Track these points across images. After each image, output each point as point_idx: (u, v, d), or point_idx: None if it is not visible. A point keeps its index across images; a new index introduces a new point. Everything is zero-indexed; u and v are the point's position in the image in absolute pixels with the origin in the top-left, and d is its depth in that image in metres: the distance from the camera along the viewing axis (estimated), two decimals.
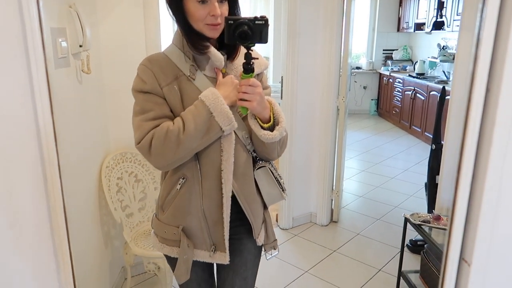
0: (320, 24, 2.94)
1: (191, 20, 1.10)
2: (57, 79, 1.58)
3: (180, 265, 1.22)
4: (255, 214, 1.27)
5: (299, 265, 2.68)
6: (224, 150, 1.16)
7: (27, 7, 0.43)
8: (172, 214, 1.24)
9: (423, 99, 5.61)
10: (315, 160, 3.19)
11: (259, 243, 1.32)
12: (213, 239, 1.24)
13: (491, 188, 0.53)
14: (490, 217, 0.54)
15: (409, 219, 2.20)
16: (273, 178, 1.28)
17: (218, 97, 1.09)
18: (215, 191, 1.19)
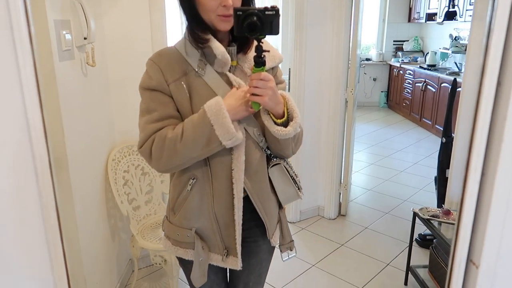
0: (328, 15, 2.89)
1: (201, 11, 1.05)
2: (61, 71, 1.57)
3: (196, 268, 1.18)
4: (268, 213, 1.23)
5: (307, 259, 2.66)
6: (235, 148, 1.11)
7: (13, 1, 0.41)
8: (184, 216, 1.19)
9: (434, 91, 5.52)
10: (323, 153, 3.16)
11: (273, 244, 1.28)
12: (225, 243, 1.19)
13: (501, 186, 0.50)
14: (500, 217, 0.51)
15: (418, 213, 2.17)
16: (288, 176, 1.22)
17: (221, 109, 1.02)
18: (226, 191, 1.14)
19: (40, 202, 0.50)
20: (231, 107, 1.04)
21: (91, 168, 1.97)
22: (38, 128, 0.46)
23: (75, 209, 1.71)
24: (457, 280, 0.55)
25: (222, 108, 1.02)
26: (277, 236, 1.30)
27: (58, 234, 0.51)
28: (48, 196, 0.49)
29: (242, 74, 1.14)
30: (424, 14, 6.38)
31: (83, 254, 1.80)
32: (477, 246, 0.54)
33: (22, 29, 0.43)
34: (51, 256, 0.52)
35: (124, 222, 2.37)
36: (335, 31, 2.89)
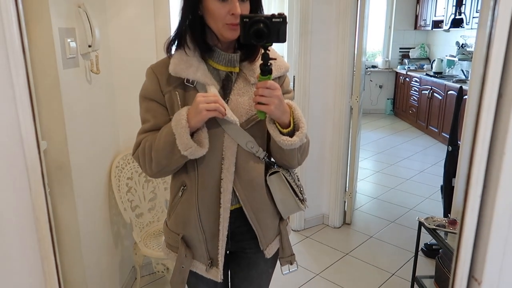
0: (333, 22, 2.88)
1: (209, 19, 1.05)
2: (65, 79, 1.58)
3: (176, 274, 1.19)
4: (262, 224, 1.20)
5: (310, 267, 2.63)
6: (226, 158, 1.11)
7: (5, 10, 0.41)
8: (175, 221, 1.21)
9: (440, 98, 5.48)
10: (328, 160, 3.14)
11: (267, 256, 1.24)
12: (210, 253, 1.19)
13: (503, 200, 0.49)
14: (503, 232, 0.50)
15: (424, 223, 2.14)
16: (287, 185, 1.17)
17: (181, 119, 1.01)
18: (214, 201, 1.14)
19: (34, 215, 0.50)
20: (190, 116, 1.02)
21: (95, 175, 1.97)
22: (31, 141, 0.46)
23: (78, 216, 1.71)
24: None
25: (182, 118, 1.02)
26: (273, 249, 1.26)
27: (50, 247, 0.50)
28: (41, 209, 0.49)
29: (245, 82, 1.13)
30: (431, 21, 6.36)
31: (86, 261, 1.79)
32: (479, 262, 0.52)
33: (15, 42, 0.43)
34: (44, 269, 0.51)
35: (127, 229, 2.37)
36: (340, 38, 2.89)
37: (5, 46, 0.43)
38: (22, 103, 0.44)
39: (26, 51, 0.43)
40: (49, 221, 0.49)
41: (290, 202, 1.20)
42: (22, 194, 0.50)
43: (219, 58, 1.11)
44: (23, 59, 0.43)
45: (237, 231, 1.21)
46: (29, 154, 0.46)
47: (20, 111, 0.44)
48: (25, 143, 0.45)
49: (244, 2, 1.04)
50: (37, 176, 0.47)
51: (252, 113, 1.11)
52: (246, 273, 1.27)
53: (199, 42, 1.08)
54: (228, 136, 1.10)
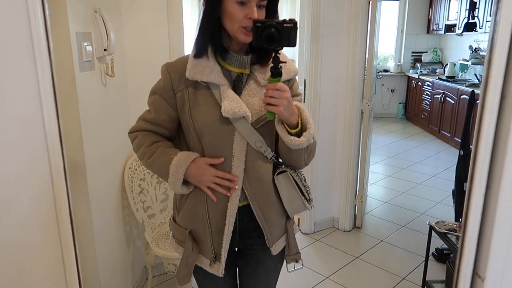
0: (344, 26, 2.90)
1: (226, 20, 1.09)
2: (82, 82, 1.62)
3: (182, 267, 1.23)
4: (269, 221, 1.23)
5: (320, 270, 2.64)
6: (235, 156, 1.15)
7: (33, 15, 0.44)
8: (183, 217, 1.25)
9: (453, 103, 5.43)
10: (339, 164, 3.14)
11: (273, 253, 1.27)
12: (215, 248, 1.22)
13: (506, 199, 0.50)
14: (506, 230, 0.51)
15: (434, 227, 2.13)
16: (294, 185, 1.21)
17: (178, 176, 1.14)
18: (222, 196, 1.17)
19: (55, 208, 0.53)
20: (190, 172, 1.15)
21: (108, 175, 2.01)
22: (55, 137, 0.49)
23: (92, 216, 1.75)
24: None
25: (182, 171, 1.14)
26: (280, 246, 1.29)
27: (71, 238, 0.53)
28: (62, 202, 0.52)
29: (256, 83, 1.17)
30: (443, 25, 6.32)
31: (99, 260, 1.83)
32: (483, 260, 0.53)
33: (41, 43, 0.46)
34: (64, 259, 0.54)
35: (139, 229, 2.41)
36: (351, 42, 2.90)
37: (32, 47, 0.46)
38: (47, 101, 0.47)
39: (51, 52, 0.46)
40: (70, 215, 0.52)
41: (297, 201, 1.23)
42: (44, 188, 0.53)
43: (231, 60, 1.15)
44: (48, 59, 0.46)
45: (244, 228, 1.24)
46: (53, 150, 0.48)
47: (45, 109, 0.47)
48: (49, 139, 0.48)
49: (261, 9, 1.09)
50: (59, 171, 0.50)
51: (262, 113, 1.15)
52: (254, 270, 1.30)
53: (216, 43, 1.12)
54: (238, 135, 1.14)
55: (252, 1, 1.05)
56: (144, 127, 1.23)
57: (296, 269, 1.33)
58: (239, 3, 1.06)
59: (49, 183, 0.52)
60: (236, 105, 1.10)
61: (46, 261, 0.55)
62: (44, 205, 0.52)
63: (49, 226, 0.53)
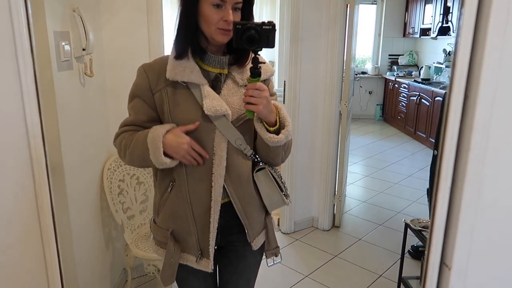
0: (323, 29, 2.95)
1: (203, 23, 1.11)
2: (60, 81, 1.61)
3: (165, 268, 1.24)
4: (250, 217, 1.26)
5: (300, 269, 2.67)
6: (217, 154, 1.17)
7: (16, 13, 0.45)
8: (164, 217, 1.26)
9: (428, 104, 5.59)
10: (317, 164, 3.19)
11: (254, 248, 1.30)
12: (201, 245, 1.24)
13: (469, 192, 0.53)
14: (470, 221, 0.55)
15: (409, 224, 2.19)
16: (273, 181, 1.25)
17: (157, 145, 1.11)
18: (204, 195, 1.19)
19: (37, 204, 0.53)
20: (166, 141, 1.12)
21: (87, 176, 1.99)
22: (37, 134, 0.49)
23: (70, 217, 1.73)
24: (431, 282, 0.58)
25: (158, 143, 1.11)
26: (260, 241, 1.32)
27: (53, 235, 0.54)
28: (44, 198, 0.52)
29: (234, 83, 1.20)
30: (419, 29, 6.50)
31: (77, 262, 1.81)
32: (449, 249, 0.57)
33: (24, 41, 0.47)
34: (45, 255, 0.55)
35: (118, 231, 2.39)
36: (330, 45, 2.96)
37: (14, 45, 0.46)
38: (29, 99, 0.48)
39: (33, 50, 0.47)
40: (52, 211, 0.53)
41: (276, 197, 1.27)
42: (26, 185, 0.53)
43: (210, 60, 1.18)
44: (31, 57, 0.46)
45: (225, 225, 1.26)
46: (35, 146, 0.49)
47: (27, 106, 0.48)
48: (31, 136, 0.49)
49: (236, 11, 1.12)
50: (41, 167, 0.51)
51: (241, 112, 1.18)
52: (235, 266, 1.32)
53: (194, 45, 1.15)
54: (218, 133, 1.16)
55: (227, 3, 1.09)
56: (124, 130, 1.23)
57: (275, 263, 1.37)
58: (214, 6, 1.08)
59: (30, 180, 0.52)
60: (217, 103, 1.13)
61: (28, 258, 0.56)
62: (25, 201, 0.53)
63: (30, 222, 0.53)
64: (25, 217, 0.53)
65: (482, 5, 0.49)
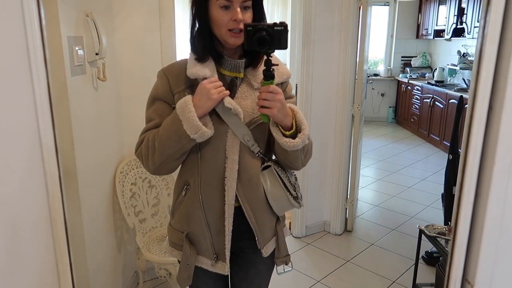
0: (336, 31, 2.92)
1: (214, 26, 1.11)
2: (73, 86, 1.61)
3: (182, 270, 1.24)
4: (260, 223, 1.24)
5: (312, 274, 2.65)
6: (229, 158, 1.16)
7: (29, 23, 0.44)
8: (179, 220, 1.26)
9: (442, 107, 5.51)
10: (330, 168, 3.16)
11: (264, 255, 1.28)
12: (216, 248, 1.23)
13: (494, 207, 0.51)
14: (494, 237, 0.53)
15: (424, 230, 2.16)
16: (279, 180, 1.21)
17: (187, 105, 1.07)
18: (218, 199, 1.19)
19: (50, 216, 0.53)
20: (195, 102, 1.08)
21: (100, 180, 2.00)
22: (50, 146, 0.49)
23: (83, 221, 1.74)
24: None
25: (188, 104, 1.07)
26: (270, 248, 1.30)
27: (65, 247, 0.53)
28: (57, 210, 0.52)
29: (249, 86, 1.19)
30: (432, 30, 6.42)
31: (90, 265, 1.81)
32: (472, 266, 0.55)
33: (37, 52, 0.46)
34: (58, 268, 0.54)
35: (130, 234, 2.39)
36: (342, 47, 2.93)
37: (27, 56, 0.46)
38: (42, 110, 0.47)
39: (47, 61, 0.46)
40: (65, 223, 0.52)
41: (281, 197, 1.23)
42: (39, 197, 0.53)
43: (226, 64, 1.17)
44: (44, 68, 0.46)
45: (236, 230, 1.24)
46: (48, 159, 0.49)
47: (41, 118, 0.48)
48: (44, 147, 0.48)
49: (246, 10, 1.11)
50: (54, 179, 0.50)
51: (254, 115, 1.17)
52: (245, 273, 1.31)
53: (210, 49, 1.14)
54: (231, 135, 1.15)
55: (234, 3, 1.08)
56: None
57: (286, 271, 1.35)
58: (222, 8, 1.08)
59: (44, 192, 0.52)
60: (233, 102, 1.13)
61: (40, 270, 0.55)
62: (38, 213, 0.52)
63: (43, 234, 0.53)
64: (38, 230, 0.52)
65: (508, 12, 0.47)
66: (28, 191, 0.53)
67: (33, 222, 0.54)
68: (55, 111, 1.53)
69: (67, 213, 1.69)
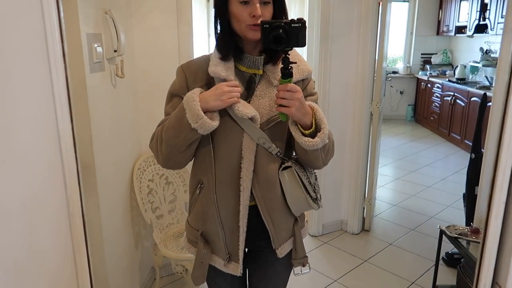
0: (354, 28, 2.88)
1: (234, 22, 1.10)
2: (92, 83, 1.63)
3: (196, 268, 1.23)
4: (276, 223, 1.22)
5: (328, 273, 2.62)
6: (245, 157, 1.14)
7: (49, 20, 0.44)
8: (194, 218, 1.26)
9: (463, 105, 5.38)
10: (347, 166, 3.12)
11: (279, 255, 1.25)
12: (229, 248, 1.22)
13: None
14: None
15: (445, 231, 2.11)
16: (298, 180, 1.18)
17: (193, 95, 1.06)
18: (232, 198, 1.17)
19: (68, 211, 0.53)
20: (203, 96, 1.07)
21: (117, 176, 2.01)
22: (68, 141, 0.49)
23: (101, 216, 1.76)
24: None
25: (195, 96, 1.06)
26: (286, 249, 1.27)
27: (83, 241, 0.53)
28: (75, 205, 0.52)
29: (268, 83, 1.17)
30: (453, 27, 6.27)
31: (108, 260, 1.83)
32: (503, 269, 0.52)
33: (56, 47, 0.46)
34: (76, 262, 0.54)
35: (147, 230, 2.41)
36: (361, 44, 2.88)
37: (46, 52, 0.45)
38: (61, 106, 0.47)
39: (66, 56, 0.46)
40: (83, 218, 0.52)
41: (300, 199, 1.20)
42: (57, 191, 0.53)
43: (245, 61, 1.15)
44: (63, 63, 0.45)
45: (253, 228, 1.22)
46: (66, 154, 0.48)
47: (59, 114, 0.47)
48: (63, 143, 0.48)
49: (266, 5, 1.09)
50: (73, 174, 0.50)
51: (272, 114, 1.15)
52: (263, 273, 1.29)
53: (231, 45, 1.13)
54: (247, 136, 1.13)
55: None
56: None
57: (303, 273, 1.32)
58: (242, 3, 1.06)
59: (62, 186, 0.52)
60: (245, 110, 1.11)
61: (58, 264, 0.55)
62: (57, 208, 0.52)
63: (61, 229, 0.53)
64: (56, 224, 0.52)
65: None
66: (47, 186, 0.52)
67: (52, 217, 0.54)
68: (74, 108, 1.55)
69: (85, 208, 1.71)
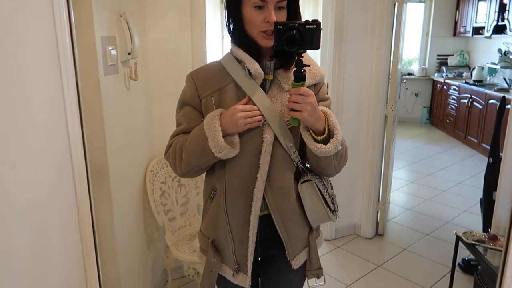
0: (369, 29, 2.84)
1: (247, 26, 1.08)
2: (106, 85, 1.64)
3: (205, 277, 1.21)
4: (290, 233, 1.19)
5: (341, 278, 2.59)
6: (262, 168, 1.11)
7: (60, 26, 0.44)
8: (206, 226, 1.24)
9: (480, 107, 5.27)
10: (361, 169, 3.08)
11: (293, 266, 1.22)
12: (237, 258, 1.19)
13: None
14: None
15: (462, 237, 2.05)
16: (319, 195, 1.15)
17: (214, 123, 1.05)
18: (243, 207, 1.14)
19: (78, 216, 0.52)
20: (223, 121, 1.06)
21: (130, 178, 2.02)
22: (79, 146, 0.48)
23: (114, 217, 1.77)
24: None
25: (215, 122, 1.05)
26: (301, 260, 1.24)
27: (92, 246, 0.53)
28: (85, 210, 0.51)
29: (279, 88, 1.14)
30: (471, 28, 6.15)
31: (120, 262, 1.84)
32: None
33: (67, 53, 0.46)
34: (85, 267, 0.53)
35: (160, 232, 2.42)
36: (376, 46, 2.84)
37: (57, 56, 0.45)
38: (71, 111, 0.46)
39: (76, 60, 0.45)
40: (92, 223, 0.52)
41: (320, 212, 1.17)
42: (67, 196, 0.52)
43: None
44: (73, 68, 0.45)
45: (266, 238, 1.21)
46: (76, 159, 0.48)
47: (70, 119, 0.47)
48: (73, 148, 0.48)
49: (280, 10, 1.07)
50: (82, 179, 0.50)
51: (284, 119, 1.12)
52: (275, 282, 1.27)
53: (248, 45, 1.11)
54: (265, 146, 1.11)
55: (269, 3, 1.04)
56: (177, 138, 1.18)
57: (318, 285, 1.29)
58: (256, 8, 1.04)
59: (72, 191, 0.51)
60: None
61: (68, 269, 0.55)
62: (67, 213, 0.52)
63: (71, 234, 0.52)
64: (66, 229, 0.52)
65: None
66: (57, 190, 0.52)
67: (62, 221, 0.54)
68: (88, 110, 1.55)
69: (98, 210, 1.72)
